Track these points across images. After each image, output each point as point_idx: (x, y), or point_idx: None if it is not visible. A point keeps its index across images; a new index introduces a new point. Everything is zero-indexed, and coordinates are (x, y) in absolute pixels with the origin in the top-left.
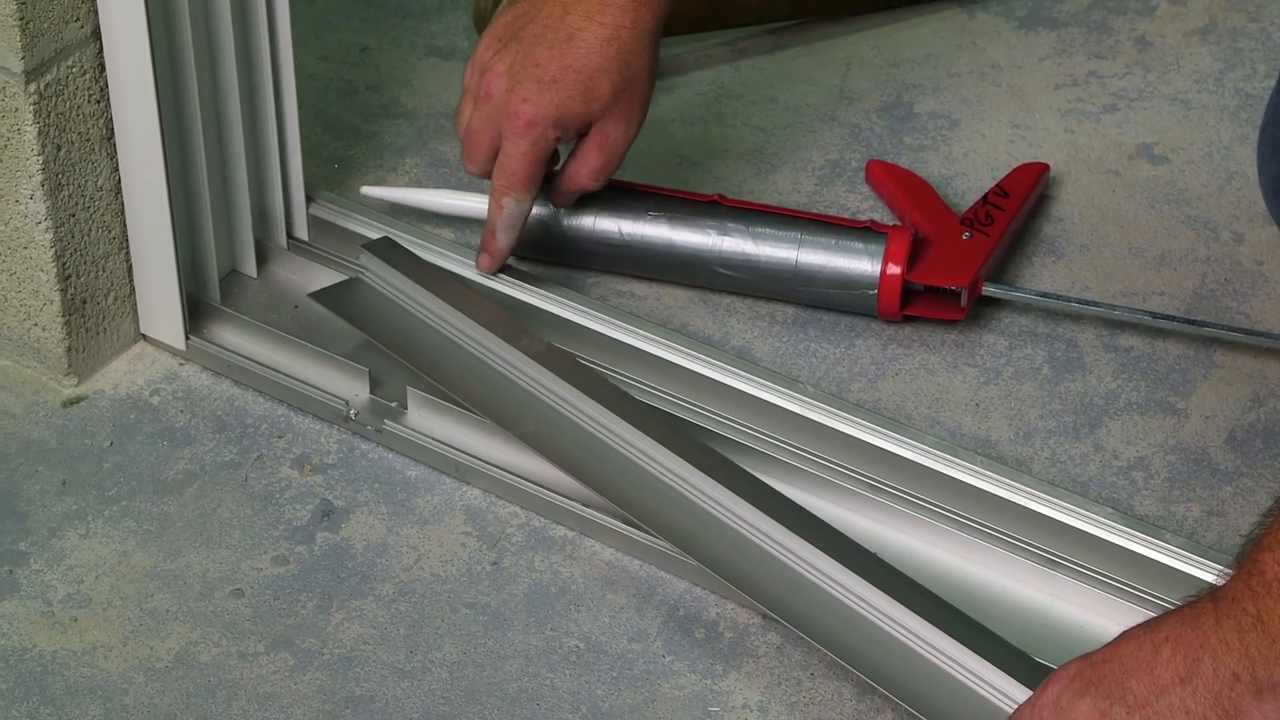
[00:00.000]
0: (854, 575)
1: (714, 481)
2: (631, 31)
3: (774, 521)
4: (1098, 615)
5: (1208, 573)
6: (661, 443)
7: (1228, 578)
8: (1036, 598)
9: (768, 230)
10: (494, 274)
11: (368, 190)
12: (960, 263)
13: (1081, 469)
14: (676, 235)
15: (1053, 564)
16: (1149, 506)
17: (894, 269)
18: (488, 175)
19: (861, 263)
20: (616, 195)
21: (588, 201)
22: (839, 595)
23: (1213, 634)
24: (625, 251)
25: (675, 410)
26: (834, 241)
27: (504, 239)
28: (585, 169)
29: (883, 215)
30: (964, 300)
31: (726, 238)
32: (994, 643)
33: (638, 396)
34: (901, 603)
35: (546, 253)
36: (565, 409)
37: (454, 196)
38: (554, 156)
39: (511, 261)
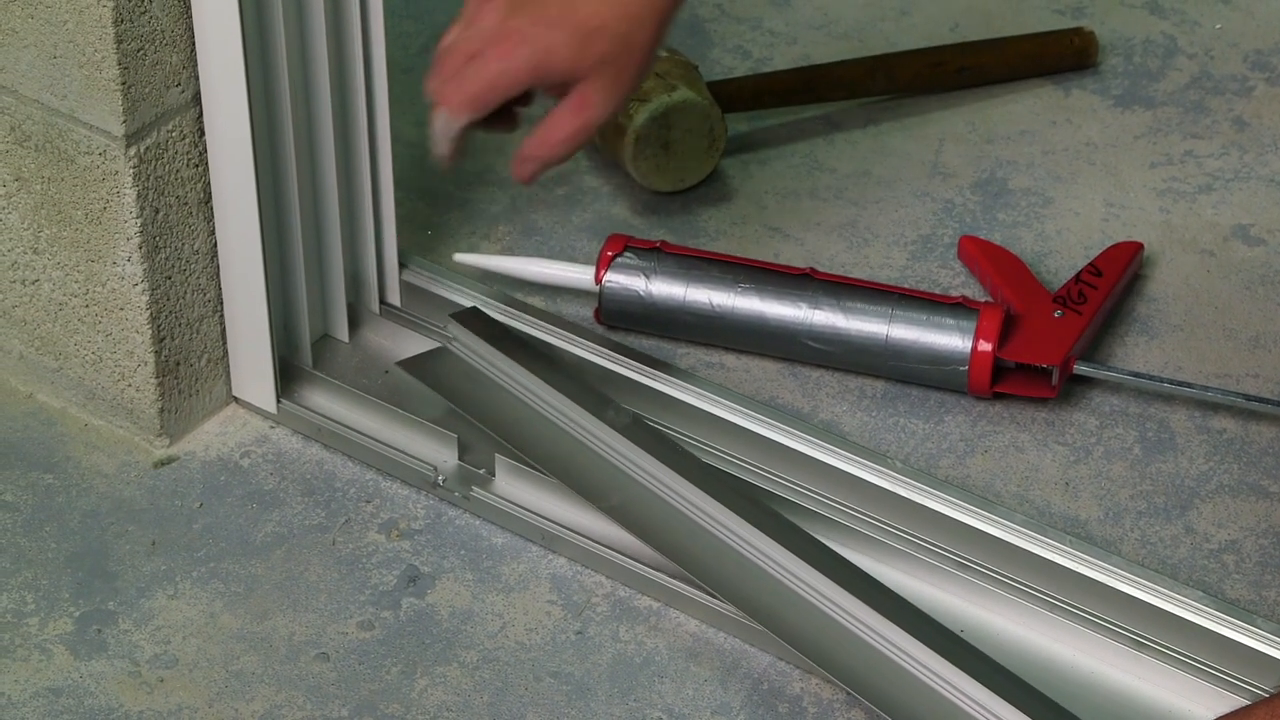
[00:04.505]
0: (938, 655)
1: (798, 558)
2: (643, 1)
3: (857, 599)
4: (1186, 700)
5: None
6: (746, 518)
7: None
8: (1124, 680)
9: (859, 304)
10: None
11: (460, 257)
12: (1052, 341)
13: (1172, 551)
14: (767, 308)
15: (1141, 646)
16: (1240, 590)
17: (985, 346)
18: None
19: (952, 339)
20: (708, 267)
21: (679, 273)
22: (922, 675)
23: None
24: (716, 323)
25: (761, 483)
26: (925, 317)
27: (441, 147)
28: (558, 131)
29: (974, 291)
30: (1055, 378)
31: (817, 311)
32: None
33: (724, 469)
34: (985, 685)
35: (637, 323)
36: (650, 483)
37: (546, 265)
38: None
39: (601, 330)
